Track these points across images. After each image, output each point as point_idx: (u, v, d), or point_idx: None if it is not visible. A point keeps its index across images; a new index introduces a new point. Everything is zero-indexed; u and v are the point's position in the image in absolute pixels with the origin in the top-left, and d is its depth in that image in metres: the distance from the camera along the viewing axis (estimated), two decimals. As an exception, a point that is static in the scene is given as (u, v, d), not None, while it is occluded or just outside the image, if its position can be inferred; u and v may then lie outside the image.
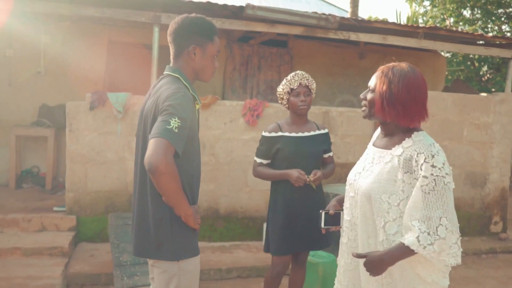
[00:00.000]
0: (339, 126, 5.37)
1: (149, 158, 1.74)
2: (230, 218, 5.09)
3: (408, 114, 1.82)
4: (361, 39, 5.36)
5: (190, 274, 2.01)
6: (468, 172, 5.92)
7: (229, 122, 5.01)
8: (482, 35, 5.71)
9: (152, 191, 1.95)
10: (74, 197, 4.73)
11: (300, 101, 3.01)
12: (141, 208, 2.03)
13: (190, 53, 2.04)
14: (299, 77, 3.02)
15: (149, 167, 1.74)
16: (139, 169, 2.04)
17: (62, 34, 6.27)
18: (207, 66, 2.09)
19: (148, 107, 2.01)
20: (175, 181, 1.80)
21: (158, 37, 4.73)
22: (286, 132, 3.07)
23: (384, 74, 1.87)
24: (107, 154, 4.75)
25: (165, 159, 1.73)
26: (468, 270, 5.00)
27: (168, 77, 2.04)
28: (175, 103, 1.85)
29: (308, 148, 3.05)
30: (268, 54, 7.06)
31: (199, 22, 2.06)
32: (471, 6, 13.75)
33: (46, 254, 4.22)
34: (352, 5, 10.23)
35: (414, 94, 1.83)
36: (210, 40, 2.07)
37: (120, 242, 4.00)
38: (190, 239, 2.03)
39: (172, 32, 2.06)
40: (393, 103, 1.81)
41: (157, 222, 1.97)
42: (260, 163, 3.12)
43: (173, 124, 1.79)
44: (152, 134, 1.79)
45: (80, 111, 4.66)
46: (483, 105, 5.89)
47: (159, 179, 1.76)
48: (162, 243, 1.97)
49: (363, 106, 1.97)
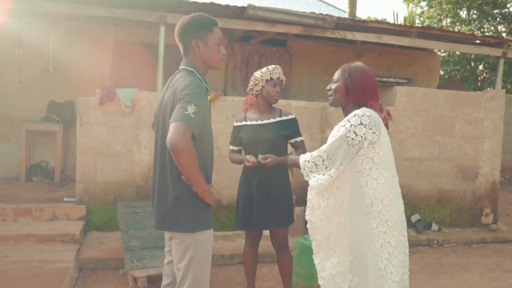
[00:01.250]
0: (335, 121, 5.62)
1: (170, 138, 1.99)
2: (232, 208, 5.32)
3: (366, 95, 2.39)
4: (357, 38, 5.61)
5: (204, 245, 2.26)
6: (460, 165, 6.17)
7: (231, 116, 5.26)
8: (473, 35, 5.97)
9: (172, 170, 2.21)
10: (84, 187, 4.97)
11: (275, 92, 3.30)
12: (161, 186, 2.28)
13: (194, 47, 2.30)
14: (279, 70, 3.33)
15: (170, 146, 1.99)
16: (159, 151, 2.30)
17: (70, 33, 6.52)
18: (214, 54, 2.35)
19: (167, 96, 2.28)
20: (193, 159, 2.06)
21: (164, 36, 4.97)
22: (248, 121, 3.38)
23: (344, 69, 2.44)
24: (115, 147, 5.00)
25: (184, 139, 1.99)
26: (458, 258, 5.25)
27: (184, 71, 2.31)
28: (191, 92, 2.11)
29: (264, 135, 3.29)
30: (268, 53, 7.32)
31: (196, 18, 2.33)
32: (467, 7, 13.97)
33: (59, 241, 4.46)
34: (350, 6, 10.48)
35: (367, 80, 2.40)
36: (208, 31, 2.32)
37: (129, 228, 4.25)
38: (205, 214, 2.28)
39: (177, 32, 2.34)
40: (354, 87, 2.39)
41: (177, 197, 2.22)
42: (232, 150, 3.52)
43: (190, 110, 2.06)
44: (172, 118, 2.06)
45: (90, 106, 4.91)
46: (474, 102, 6.15)
47: (180, 156, 2.01)
48: (181, 216, 2.22)
49: (329, 95, 2.51)
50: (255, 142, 3.31)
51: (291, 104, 5.46)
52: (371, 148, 2.30)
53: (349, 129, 2.27)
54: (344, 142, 2.28)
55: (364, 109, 2.34)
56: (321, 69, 7.65)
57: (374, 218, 2.29)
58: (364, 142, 2.27)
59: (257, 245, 3.54)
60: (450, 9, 13.91)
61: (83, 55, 6.49)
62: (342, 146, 2.28)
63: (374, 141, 2.29)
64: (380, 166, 2.31)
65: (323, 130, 5.59)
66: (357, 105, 2.40)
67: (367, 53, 7.77)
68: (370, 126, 2.28)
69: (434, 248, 5.57)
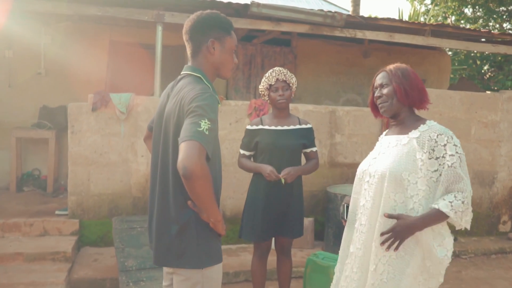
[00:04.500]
0: (345, 126, 5.28)
1: (183, 162, 1.64)
2: (236, 220, 4.98)
3: (422, 97, 2.11)
4: (368, 37, 5.28)
5: (213, 282, 1.92)
6: (476, 171, 5.83)
7: (235, 122, 4.92)
8: (490, 32, 5.63)
9: (176, 196, 1.86)
10: (77, 200, 4.63)
11: (278, 96, 3.15)
12: (162, 215, 1.93)
13: (210, 47, 1.96)
14: (276, 73, 3.17)
15: (184, 172, 1.63)
16: (160, 173, 1.94)
17: (62, 34, 6.18)
18: (227, 61, 2.01)
19: (170, 108, 1.91)
20: (210, 185, 1.71)
21: (161, 36, 4.64)
22: (266, 126, 3.22)
23: (392, 71, 2.12)
24: (110, 156, 4.66)
25: (200, 162, 1.64)
26: (478, 271, 4.92)
27: (189, 77, 1.95)
28: (203, 104, 1.76)
29: (284, 141, 3.15)
30: (271, 54, 6.97)
31: (215, 16, 2.00)
32: (473, 4, 13.66)
33: (49, 259, 4.12)
34: (354, 4, 10.14)
35: (419, 82, 2.12)
36: (228, 34, 2.00)
37: (125, 246, 3.90)
38: (215, 245, 1.93)
39: (189, 29, 1.99)
40: (412, 89, 2.08)
41: (182, 227, 1.87)
42: (243, 155, 3.29)
43: (204, 126, 1.71)
44: (183, 137, 1.70)
45: (82, 112, 4.57)
46: (491, 103, 5.81)
47: (195, 183, 1.66)
48: (186, 249, 1.87)
49: (381, 102, 2.13)
50: (273, 148, 3.16)
51: (298, 108, 5.12)
52: None
53: (462, 152, 1.99)
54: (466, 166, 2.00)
55: (438, 125, 2.06)
56: (327, 69, 7.30)
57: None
58: None
59: (266, 258, 3.36)
60: (456, 6, 13.59)
61: (77, 57, 6.14)
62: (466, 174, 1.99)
63: None
64: None
65: (332, 136, 5.25)
66: (411, 110, 2.15)
67: (375, 52, 7.42)
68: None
69: (451, 260, 5.22)
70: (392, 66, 2.14)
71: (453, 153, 1.93)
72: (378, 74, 2.17)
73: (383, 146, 2.14)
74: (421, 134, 2.00)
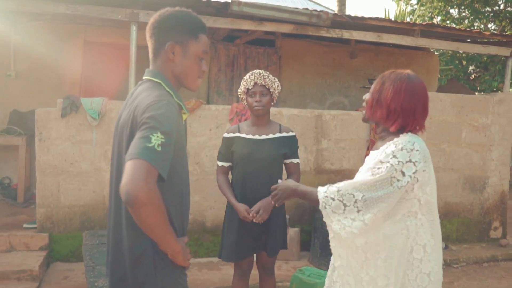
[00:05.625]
0: (332, 131, 5.04)
1: (126, 186, 1.34)
2: (217, 232, 4.71)
3: (391, 117, 1.81)
4: (355, 37, 5.04)
5: None
6: (467, 176, 5.64)
7: (215, 128, 4.64)
8: (480, 33, 5.44)
9: (128, 221, 1.57)
10: (46, 212, 4.31)
11: (255, 101, 2.86)
12: (116, 241, 1.65)
13: (168, 52, 1.66)
14: (255, 76, 2.88)
15: (126, 198, 1.34)
16: (114, 194, 1.66)
17: (33, 34, 5.83)
18: (191, 69, 1.70)
19: (124, 120, 1.62)
20: (160, 213, 1.41)
21: (136, 37, 4.34)
22: (243, 134, 2.94)
23: (382, 76, 1.88)
24: (81, 165, 4.34)
25: (146, 186, 1.35)
26: (471, 281, 4.72)
27: (148, 83, 1.67)
28: (156, 114, 1.47)
29: (261, 152, 2.87)
30: (255, 54, 6.71)
31: (180, 15, 1.70)
32: (458, 5, 13.59)
33: (14, 279, 3.79)
34: (339, 4, 9.96)
35: (404, 99, 1.79)
36: (193, 37, 1.69)
37: (95, 264, 3.59)
38: (178, 278, 1.65)
39: (150, 26, 1.71)
40: (380, 104, 1.83)
41: (136, 259, 1.58)
42: (221, 167, 3.01)
43: (155, 141, 1.41)
44: (129, 154, 1.40)
45: (51, 118, 4.25)
46: (482, 106, 5.63)
47: (140, 211, 1.37)
48: (144, 284, 1.59)
49: (364, 107, 1.96)
50: (249, 160, 2.87)
51: (283, 112, 4.86)
52: (419, 189, 1.75)
53: (396, 167, 1.71)
54: (387, 184, 1.72)
55: (410, 137, 1.78)
56: (313, 71, 7.06)
57: (413, 268, 1.80)
58: (414, 184, 1.74)
59: (248, 277, 3.07)
60: (442, 7, 13.49)
61: (49, 59, 5.80)
62: (383, 188, 1.72)
63: (424, 182, 1.75)
64: (425, 208, 1.80)
65: (319, 141, 5.00)
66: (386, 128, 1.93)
67: (362, 53, 7.21)
68: (420, 163, 1.73)
69: (443, 270, 5.02)
70: (390, 73, 1.88)
71: (384, 160, 1.75)
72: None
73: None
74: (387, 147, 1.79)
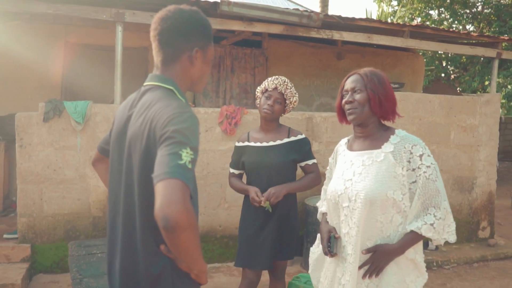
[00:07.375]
0: (323, 133, 4.97)
1: (163, 210, 1.18)
2: (207, 238, 4.59)
3: (394, 109, 1.99)
4: (345, 38, 4.97)
5: None
6: (456, 177, 5.65)
7: (204, 131, 4.52)
8: (468, 34, 5.45)
9: (145, 242, 1.44)
10: (28, 222, 4.11)
11: (266, 104, 2.83)
12: (128, 264, 1.50)
13: (193, 57, 1.53)
14: (279, 82, 2.85)
15: (165, 223, 1.18)
16: (123, 212, 1.51)
17: (12, 35, 5.62)
18: (205, 73, 1.61)
19: (135, 131, 1.46)
20: (197, 235, 1.28)
21: (121, 37, 4.18)
22: (251, 142, 2.93)
23: (367, 76, 1.95)
24: (65, 172, 4.16)
25: (185, 209, 1.20)
26: (463, 282, 4.71)
27: (159, 90, 1.50)
28: (182, 128, 1.32)
29: (270, 159, 2.84)
30: (241, 55, 6.60)
31: (199, 17, 1.55)
32: (438, 6, 13.75)
33: (-6, 293, 3.60)
34: (322, 5, 9.94)
35: (392, 92, 1.99)
36: (211, 41, 1.59)
37: (83, 276, 3.41)
38: None
39: (166, 29, 1.52)
40: (387, 99, 1.94)
41: (154, 280, 1.45)
42: (233, 174, 3.04)
43: (186, 158, 1.27)
44: (160, 173, 1.24)
45: (33, 123, 4.05)
46: (469, 107, 5.64)
47: (180, 236, 1.22)
48: None
49: (351, 108, 1.96)
50: (258, 168, 2.87)
51: (273, 114, 4.76)
52: None
53: (435, 162, 1.93)
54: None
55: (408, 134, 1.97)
56: (300, 72, 6.99)
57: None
58: None
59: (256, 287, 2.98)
60: (422, 8, 13.63)
61: (28, 60, 5.60)
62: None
63: None
64: None
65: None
66: (379, 121, 2.01)
67: (349, 54, 7.18)
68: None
69: (434, 271, 5.01)
70: (368, 70, 1.97)
71: (429, 164, 1.87)
72: (350, 77, 2.00)
73: (355, 164, 1.96)
74: (395, 146, 1.91)
